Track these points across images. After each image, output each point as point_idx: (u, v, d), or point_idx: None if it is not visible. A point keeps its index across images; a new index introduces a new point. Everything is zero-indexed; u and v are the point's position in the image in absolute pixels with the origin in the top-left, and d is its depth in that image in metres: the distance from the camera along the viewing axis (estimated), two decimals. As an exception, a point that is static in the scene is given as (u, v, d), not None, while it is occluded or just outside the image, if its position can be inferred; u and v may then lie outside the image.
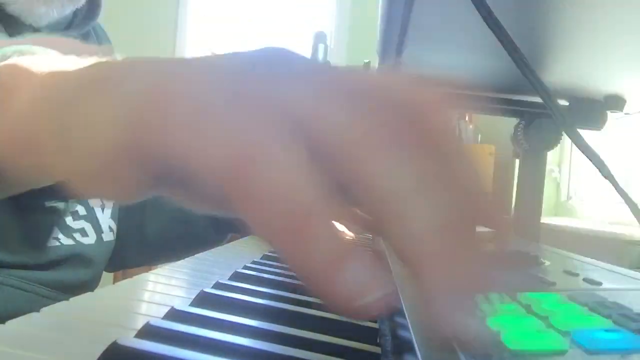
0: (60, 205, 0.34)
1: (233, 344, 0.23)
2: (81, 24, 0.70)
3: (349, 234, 0.79)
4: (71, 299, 0.30)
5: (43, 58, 0.25)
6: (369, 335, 0.27)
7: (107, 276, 0.76)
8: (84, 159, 0.18)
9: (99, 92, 0.18)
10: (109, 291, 0.34)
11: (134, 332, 0.23)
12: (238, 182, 0.15)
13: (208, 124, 0.16)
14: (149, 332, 0.23)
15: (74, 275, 0.63)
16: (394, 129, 0.16)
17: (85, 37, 0.72)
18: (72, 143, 0.19)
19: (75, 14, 0.69)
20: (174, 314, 0.27)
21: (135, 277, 0.39)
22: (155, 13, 2.97)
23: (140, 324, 0.24)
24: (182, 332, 0.24)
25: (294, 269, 0.15)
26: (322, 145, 0.15)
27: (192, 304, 0.30)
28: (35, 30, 0.62)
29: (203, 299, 0.31)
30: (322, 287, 0.15)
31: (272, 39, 3.15)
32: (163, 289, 0.38)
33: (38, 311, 0.27)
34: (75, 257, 0.63)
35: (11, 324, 0.24)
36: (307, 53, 2.65)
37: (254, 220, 0.15)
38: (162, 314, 0.27)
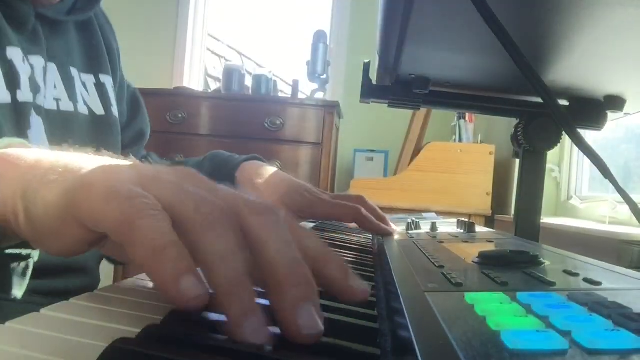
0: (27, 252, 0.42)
1: (232, 345, 0.23)
2: (84, 8, 0.68)
3: (352, 235, 0.79)
4: (71, 299, 0.30)
5: (26, 151, 0.35)
6: (369, 336, 0.27)
7: (107, 276, 0.76)
8: (40, 227, 0.30)
9: (53, 188, 0.30)
10: (109, 291, 0.34)
11: (134, 333, 0.23)
12: (125, 231, 0.25)
13: (110, 203, 0.26)
14: (149, 332, 0.23)
15: (69, 283, 0.63)
16: (220, 218, 0.26)
17: (86, 24, 0.70)
18: (34, 217, 0.30)
19: None
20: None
21: (135, 277, 0.39)
22: (156, 6, 2.97)
23: (140, 324, 0.24)
24: (182, 333, 0.24)
25: (153, 280, 0.25)
26: (176, 218, 0.26)
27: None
28: (38, 14, 0.60)
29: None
30: (168, 286, 0.24)
31: (272, 37, 3.15)
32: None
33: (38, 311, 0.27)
34: (67, 264, 0.62)
35: (11, 323, 0.24)
36: (306, 52, 2.62)
37: (133, 252, 0.25)
38: (162, 315, 0.27)
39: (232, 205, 0.27)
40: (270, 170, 0.75)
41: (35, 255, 0.36)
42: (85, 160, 0.32)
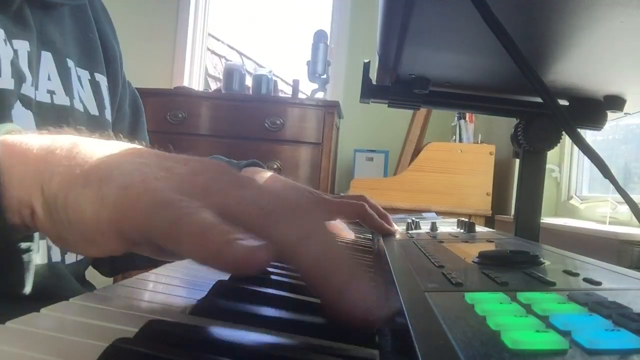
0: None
1: (232, 343, 0.23)
2: None
3: (350, 234, 0.79)
4: (71, 299, 0.30)
5: (32, 138, 0.32)
6: (368, 336, 0.27)
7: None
8: (70, 233, 0.29)
9: (87, 187, 0.28)
10: (109, 291, 0.34)
11: (134, 332, 0.23)
12: (174, 235, 0.25)
13: (160, 212, 0.26)
14: (149, 331, 0.23)
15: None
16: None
17: (81, 11, 0.66)
18: (59, 220, 0.29)
19: None
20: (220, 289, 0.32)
21: (135, 277, 0.39)
22: (156, 6, 2.97)
23: (140, 324, 0.24)
24: (182, 332, 0.24)
25: (206, 259, 0.24)
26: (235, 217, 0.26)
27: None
28: None
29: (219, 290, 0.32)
30: (222, 254, 0.23)
31: (272, 37, 3.15)
32: (163, 289, 0.38)
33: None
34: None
35: (11, 323, 0.24)
36: (306, 51, 2.62)
37: (182, 248, 0.25)
38: (162, 314, 0.27)
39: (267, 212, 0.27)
40: (272, 174, 0.75)
41: (34, 247, 0.33)
42: (108, 155, 0.30)
